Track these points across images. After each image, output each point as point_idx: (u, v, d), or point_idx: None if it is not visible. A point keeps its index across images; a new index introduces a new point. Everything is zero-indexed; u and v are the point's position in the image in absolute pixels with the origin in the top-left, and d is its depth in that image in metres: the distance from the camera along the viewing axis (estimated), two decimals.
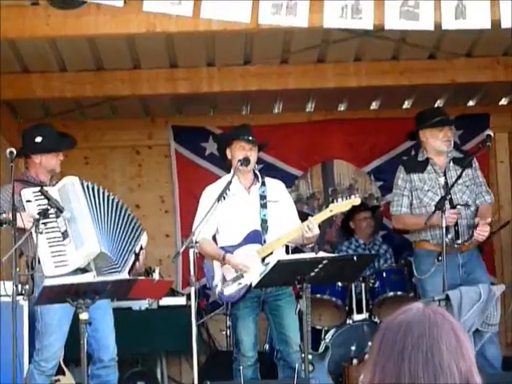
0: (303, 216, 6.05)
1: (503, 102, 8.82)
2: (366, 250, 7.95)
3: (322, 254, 5.45)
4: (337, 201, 5.77)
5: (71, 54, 7.03)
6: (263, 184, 5.97)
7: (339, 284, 7.16)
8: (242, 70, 7.50)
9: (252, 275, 5.68)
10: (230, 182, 5.70)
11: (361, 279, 7.19)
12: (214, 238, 5.92)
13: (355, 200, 5.75)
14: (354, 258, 5.44)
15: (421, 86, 7.95)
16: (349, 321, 7.22)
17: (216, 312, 7.70)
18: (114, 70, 7.44)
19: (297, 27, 5.53)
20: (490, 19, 5.44)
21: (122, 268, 5.48)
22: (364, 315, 7.23)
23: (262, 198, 5.92)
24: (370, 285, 7.26)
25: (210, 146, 8.47)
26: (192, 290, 5.26)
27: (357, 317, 7.22)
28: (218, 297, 5.92)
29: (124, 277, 5.39)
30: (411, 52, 7.33)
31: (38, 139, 5.67)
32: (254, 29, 5.65)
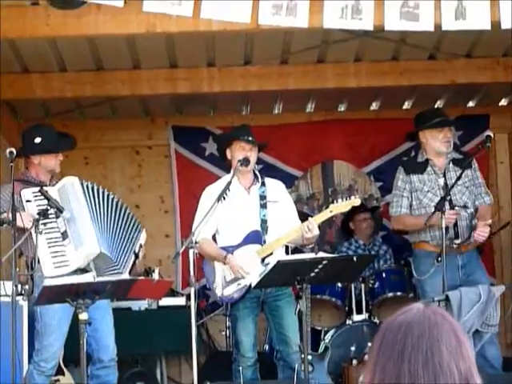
0: (303, 216, 6.05)
1: (503, 102, 8.82)
2: (366, 251, 7.95)
3: (321, 254, 5.45)
4: (337, 201, 5.76)
5: (71, 54, 7.03)
6: (263, 184, 5.97)
7: (339, 284, 7.15)
8: (242, 70, 7.50)
9: (252, 276, 5.68)
10: (229, 183, 5.69)
11: (360, 280, 7.19)
12: (213, 239, 5.92)
13: (355, 201, 5.74)
14: (354, 259, 5.44)
15: (421, 87, 7.95)
16: (348, 321, 7.22)
17: (216, 312, 7.68)
18: (114, 70, 7.44)
19: (297, 28, 5.53)
20: (490, 20, 5.44)
21: (123, 269, 5.48)
22: (364, 316, 7.22)
23: (262, 198, 5.91)
24: (370, 285, 7.26)
25: (210, 147, 8.47)
26: (192, 291, 5.26)
27: (356, 317, 7.22)
28: (219, 297, 5.92)
29: (124, 277, 5.39)
30: (411, 53, 7.33)
31: (37, 140, 5.67)
32: (254, 29, 5.65)
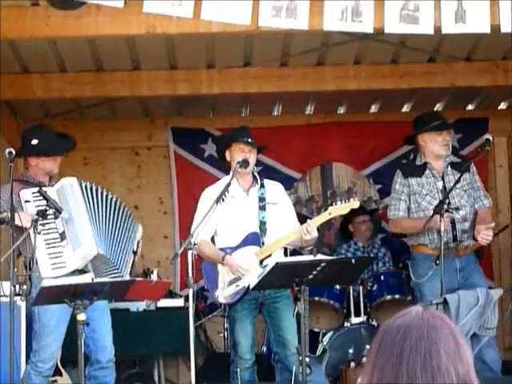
0: (302, 218, 6.05)
1: (502, 106, 8.83)
2: (365, 253, 7.95)
3: (320, 256, 5.45)
4: (336, 204, 5.76)
5: (71, 54, 7.04)
6: (262, 186, 5.96)
7: (337, 287, 7.15)
8: (241, 72, 7.51)
9: (250, 277, 5.68)
10: (228, 184, 5.69)
11: (359, 282, 7.19)
12: (212, 240, 5.91)
13: (354, 203, 5.74)
14: (353, 261, 5.42)
15: (420, 90, 7.96)
16: (346, 324, 7.21)
17: (214, 314, 7.68)
18: (114, 71, 7.44)
19: (297, 30, 5.53)
20: (490, 24, 5.45)
21: (124, 272, 5.47)
22: (362, 318, 7.22)
23: (261, 200, 5.91)
24: (368, 288, 7.26)
25: (209, 148, 8.47)
26: (190, 292, 5.25)
27: (354, 320, 7.21)
28: (220, 302, 5.91)
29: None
30: (411, 55, 7.33)
31: (34, 142, 5.63)
32: (254, 31, 5.65)
